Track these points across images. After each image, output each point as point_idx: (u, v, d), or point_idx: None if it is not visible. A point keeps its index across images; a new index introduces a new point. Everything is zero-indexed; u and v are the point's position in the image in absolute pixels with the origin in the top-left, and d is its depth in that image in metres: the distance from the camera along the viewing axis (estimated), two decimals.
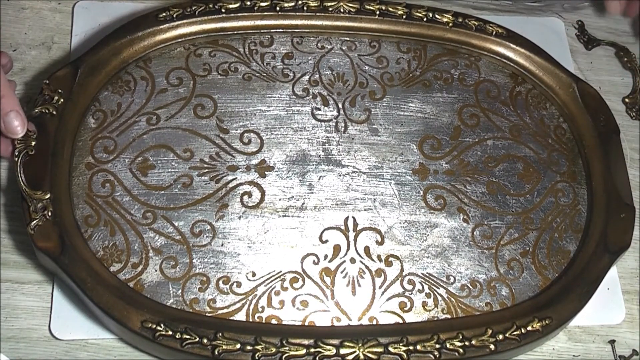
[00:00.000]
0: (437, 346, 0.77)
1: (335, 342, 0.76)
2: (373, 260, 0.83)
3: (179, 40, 0.90)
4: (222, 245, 0.82)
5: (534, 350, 0.86)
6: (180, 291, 0.79)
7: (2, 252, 0.84)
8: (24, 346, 0.80)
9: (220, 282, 0.80)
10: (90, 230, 0.80)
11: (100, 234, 0.80)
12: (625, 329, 0.90)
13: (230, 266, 0.81)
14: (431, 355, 0.76)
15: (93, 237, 0.80)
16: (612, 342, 0.88)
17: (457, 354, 0.77)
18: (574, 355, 0.87)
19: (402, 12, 0.94)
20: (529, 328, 0.79)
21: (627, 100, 1.04)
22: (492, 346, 0.78)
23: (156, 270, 0.80)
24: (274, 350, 0.75)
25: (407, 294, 0.82)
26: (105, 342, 0.81)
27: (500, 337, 0.78)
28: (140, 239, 0.81)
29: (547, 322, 0.80)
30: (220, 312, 0.79)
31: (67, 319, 0.81)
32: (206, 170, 0.85)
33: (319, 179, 0.87)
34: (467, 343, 0.77)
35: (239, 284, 0.80)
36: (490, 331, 0.78)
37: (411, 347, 0.76)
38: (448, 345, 0.77)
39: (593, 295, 0.83)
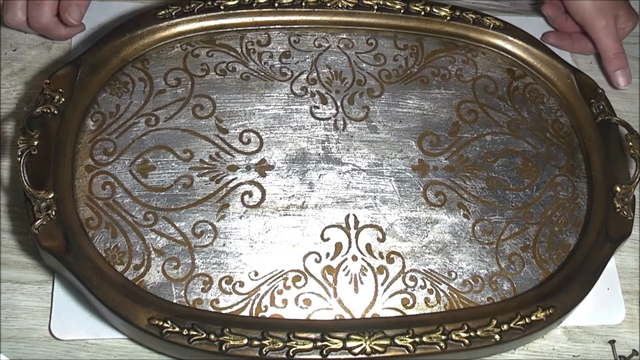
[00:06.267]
0: (443, 337, 0.77)
1: (342, 335, 0.76)
2: (375, 257, 0.83)
3: (179, 37, 0.91)
4: (223, 245, 0.82)
5: (534, 350, 0.86)
6: (183, 292, 0.79)
7: (2, 252, 0.83)
8: (24, 346, 0.80)
9: (223, 282, 0.80)
10: (91, 232, 0.79)
11: (102, 236, 0.80)
12: (625, 329, 0.89)
13: (232, 266, 0.81)
14: (437, 347, 0.76)
15: (95, 239, 0.79)
16: (612, 342, 0.88)
17: (462, 344, 0.77)
18: (574, 355, 0.87)
19: (400, 7, 0.95)
20: (533, 318, 0.79)
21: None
22: (497, 336, 0.78)
23: (158, 272, 0.79)
24: (281, 344, 0.75)
25: (409, 290, 0.82)
26: (105, 342, 0.81)
27: (505, 327, 0.78)
28: (142, 241, 0.80)
29: (550, 311, 0.80)
30: (223, 312, 0.78)
31: (67, 319, 0.80)
32: (206, 170, 0.85)
33: (319, 177, 0.87)
34: (472, 334, 0.77)
35: (241, 284, 0.80)
36: (495, 321, 0.78)
37: (417, 339, 0.76)
38: (453, 336, 0.77)
39: (595, 284, 0.83)
